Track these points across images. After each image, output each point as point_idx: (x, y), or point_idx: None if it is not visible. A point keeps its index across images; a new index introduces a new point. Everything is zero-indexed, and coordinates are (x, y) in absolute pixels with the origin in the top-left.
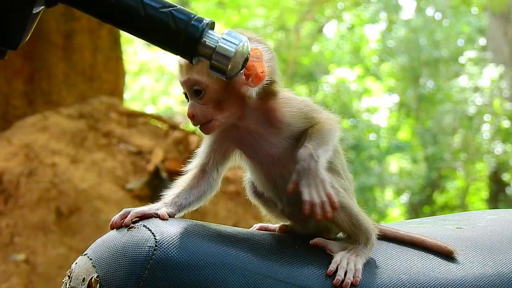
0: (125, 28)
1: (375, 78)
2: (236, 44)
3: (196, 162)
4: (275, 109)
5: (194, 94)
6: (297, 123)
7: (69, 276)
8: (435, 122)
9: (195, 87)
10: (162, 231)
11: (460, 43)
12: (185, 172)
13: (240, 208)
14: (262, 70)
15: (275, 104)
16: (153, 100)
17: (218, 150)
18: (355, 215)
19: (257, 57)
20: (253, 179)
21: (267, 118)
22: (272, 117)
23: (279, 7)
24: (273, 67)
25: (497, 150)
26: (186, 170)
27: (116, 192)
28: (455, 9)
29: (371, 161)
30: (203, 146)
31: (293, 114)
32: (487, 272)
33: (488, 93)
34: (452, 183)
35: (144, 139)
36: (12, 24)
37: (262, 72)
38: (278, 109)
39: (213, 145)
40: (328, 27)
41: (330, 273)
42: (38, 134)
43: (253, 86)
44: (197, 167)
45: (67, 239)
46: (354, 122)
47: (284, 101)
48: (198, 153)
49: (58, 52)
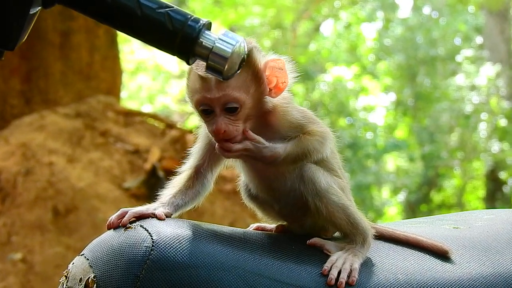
0: (121, 29)
1: (372, 76)
2: (233, 45)
3: (191, 163)
4: (274, 115)
5: (226, 110)
6: (291, 131)
7: (66, 276)
8: (432, 121)
9: (231, 105)
10: (159, 231)
11: (457, 42)
12: (180, 172)
13: (237, 207)
14: (284, 80)
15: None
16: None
17: (213, 152)
18: (352, 215)
19: (280, 68)
20: (248, 182)
21: (265, 122)
22: (269, 121)
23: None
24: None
25: (494, 149)
26: (181, 170)
27: (113, 191)
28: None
29: (368, 159)
30: (198, 147)
31: (290, 124)
32: (484, 272)
33: (485, 91)
34: (449, 182)
35: (141, 138)
36: (9, 25)
37: (283, 83)
38: (277, 116)
39: (208, 146)
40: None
41: (324, 272)
42: (35, 133)
43: (274, 96)
44: (191, 168)
45: (64, 238)
46: (351, 121)
47: (285, 109)
48: (192, 153)
49: (55, 51)
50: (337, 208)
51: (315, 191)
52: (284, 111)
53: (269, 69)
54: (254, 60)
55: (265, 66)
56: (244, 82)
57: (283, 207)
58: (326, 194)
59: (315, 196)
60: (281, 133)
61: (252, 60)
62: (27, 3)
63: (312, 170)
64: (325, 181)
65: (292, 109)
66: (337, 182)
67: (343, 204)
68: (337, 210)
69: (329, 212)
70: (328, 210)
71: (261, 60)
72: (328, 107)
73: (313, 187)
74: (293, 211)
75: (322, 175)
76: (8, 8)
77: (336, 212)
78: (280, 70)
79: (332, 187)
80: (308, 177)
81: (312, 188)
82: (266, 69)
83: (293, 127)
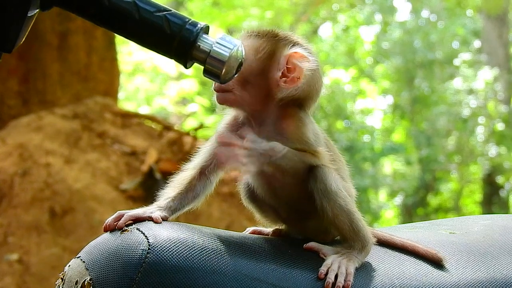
0: (119, 32)
1: (370, 79)
2: (230, 49)
3: (196, 163)
4: (289, 124)
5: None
6: (298, 144)
7: (62, 279)
8: (429, 124)
9: None
10: (155, 235)
11: (455, 45)
12: (183, 171)
13: (234, 210)
14: (300, 76)
15: (292, 119)
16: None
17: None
18: (356, 222)
19: (301, 63)
20: (251, 180)
21: (279, 128)
22: (282, 129)
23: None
24: (311, 83)
25: (491, 153)
26: (185, 169)
27: (110, 193)
28: (450, 11)
29: (365, 162)
30: (206, 148)
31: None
32: (480, 277)
33: (483, 95)
34: (446, 186)
35: (138, 140)
36: (7, 27)
37: (298, 78)
38: (292, 126)
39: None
40: (323, 28)
41: (320, 276)
42: (32, 134)
43: (285, 87)
44: (195, 168)
45: (60, 239)
46: (348, 124)
47: (301, 122)
48: (199, 153)
49: (53, 52)
50: (342, 212)
51: (325, 191)
52: (302, 124)
53: (291, 57)
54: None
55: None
56: (258, 48)
57: (286, 208)
58: (335, 196)
59: (323, 196)
60: (288, 142)
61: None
62: (26, 5)
63: (326, 171)
64: (336, 184)
65: (310, 127)
66: (346, 188)
67: (348, 209)
68: (342, 214)
69: (334, 215)
70: (334, 212)
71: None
72: (326, 109)
73: (323, 187)
74: (296, 212)
75: (334, 178)
76: (6, 11)
77: (340, 215)
78: (301, 64)
79: (341, 191)
80: (321, 177)
81: (323, 188)
82: (288, 55)
83: (302, 142)
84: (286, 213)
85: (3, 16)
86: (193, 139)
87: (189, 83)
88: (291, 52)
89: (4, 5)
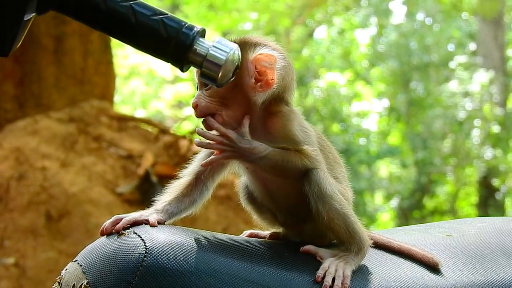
0: (116, 36)
1: (365, 82)
2: (227, 52)
3: (192, 169)
4: (275, 123)
5: (202, 85)
6: (285, 142)
7: (59, 283)
8: (425, 127)
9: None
10: (152, 238)
11: (450, 48)
12: (180, 178)
13: (231, 213)
14: (273, 77)
15: (276, 117)
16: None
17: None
18: (351, 225)
19: (270, 63)
20: (248, 183)
21: (267, 128)
22: (269, 127)
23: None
24: (285, 77)
25: (487, 155)
26: (181, 176)
27: (106, 196)
28: (446, 14)
29: (361, 165)
30: (202, 153)
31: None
32: (477, 280)
33: (478, 98)
34: (442, 188)
35: (134, 143)
36: (3, 31)
37: (272, 79)
38: (279, 123)
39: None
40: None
41: (318, 279)
42: (28, 137)
43: (261, 91)
44: (192, 174)
45: (57, 243)
46: (344, 127)
47: (286, 119)
48: (195, 160)
49: (48, 55)
50: (338, 215)
51: (320, 194)
52: (286, 121)
53: (257, 61)
54: (247, 48)
55: (254, 57)
56: None
57: (283, 211)
58: (330, 199)
59: (318, 200)
60: (276, 140)
61: (245, 48)
62: (22, 9)
63: (320, 174)
64: (331, 187)
65: (296, 123)
66: (341, 191)
67: (344, 212)
68: (337, 218)
69: (329, 218)
70: (329, 216)
71: (254, 50)
72: (322, 113)
73: (318, 191)
74: (293, 216)
75: (329, 181)
76: (2, 15)
77: (336, 219)
78: (270, 66)
79: (337, 194)
80: (315, 180)
81: (318, 191)
82: (254, 60)
83: (288, 139)
84: (283, 216)
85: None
86: (189, 142)
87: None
88: (255, 56)
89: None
